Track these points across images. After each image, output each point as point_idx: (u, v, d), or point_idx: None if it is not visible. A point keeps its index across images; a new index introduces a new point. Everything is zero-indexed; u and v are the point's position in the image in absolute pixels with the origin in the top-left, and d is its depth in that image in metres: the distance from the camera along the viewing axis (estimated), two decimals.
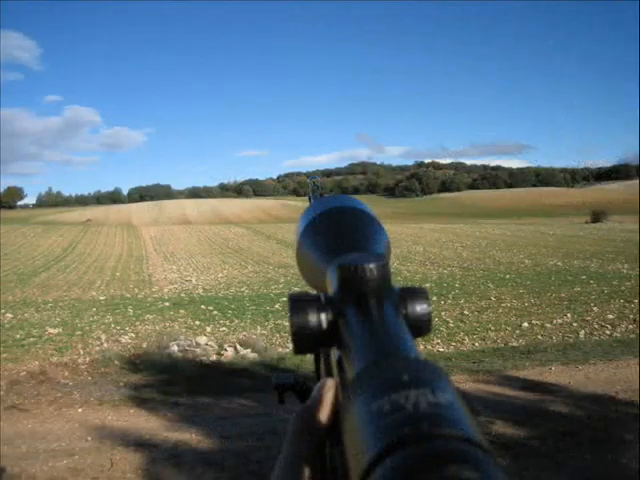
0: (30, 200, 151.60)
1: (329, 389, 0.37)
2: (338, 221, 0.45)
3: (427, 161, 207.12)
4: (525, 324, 9.51)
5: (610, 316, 9.84)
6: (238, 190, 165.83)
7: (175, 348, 7.59)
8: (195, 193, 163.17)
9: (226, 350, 7.78)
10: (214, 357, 7.51)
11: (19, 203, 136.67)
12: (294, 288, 13.51)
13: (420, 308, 0.35)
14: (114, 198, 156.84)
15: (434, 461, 0.20)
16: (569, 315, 10.08)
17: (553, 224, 43.52)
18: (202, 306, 11.30)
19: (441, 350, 8.20)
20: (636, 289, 11.86)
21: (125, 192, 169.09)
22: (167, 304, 11.64)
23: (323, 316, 0.34)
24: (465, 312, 10.51)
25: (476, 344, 8.50)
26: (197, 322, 9.88)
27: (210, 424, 4.90)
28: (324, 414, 0.35)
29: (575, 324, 9.48)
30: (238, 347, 7.87)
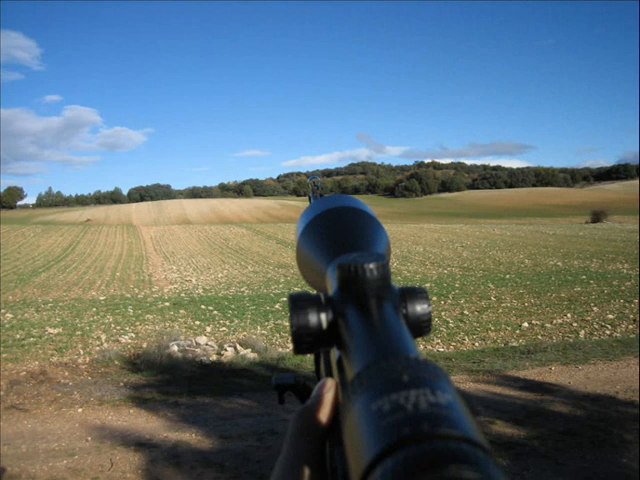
0: (30, 200, 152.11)
1: (329, 389, 0.37)
2: (338, 221, 0.45)
3: (427, 161, 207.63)
4: (525, 324, 9.51)
5: (610, 316, 9.84)
6: (238, 190, 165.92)
7: (175, 348, 7.58)
8: (195, 193, 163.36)
9: (226, 350, 7.77)
10: (214, 357, 7.51)
11: (19, 203, 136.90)
12: (294, 288, 13.51)
13: (420, 308, 0.35)
14: (114, 198, 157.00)
15: (434, 461, 0.20)
16: (569, 315, 10.08)
17: (553, 224, 43.51)
18: (202, 306, 11.30)
19: (441, 350, 8.20)
20: (636, 289, 11.86)
21: (125, 192, 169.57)
22: (167, 304, 11.65)
23: (323, 316, 0.34)
24: (465, 312, 10.51)
25: (476, 344, 8.50)
26: (197, 322, 9.88)
27: (210, 424, 4.90)
28: (324, 414, 0.35)
29: (575, 324, 9.48)
30: (238, 347, 7.86)
